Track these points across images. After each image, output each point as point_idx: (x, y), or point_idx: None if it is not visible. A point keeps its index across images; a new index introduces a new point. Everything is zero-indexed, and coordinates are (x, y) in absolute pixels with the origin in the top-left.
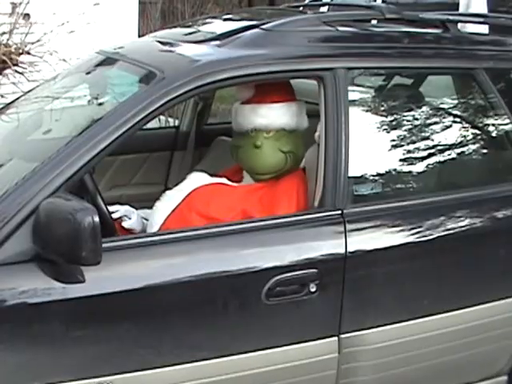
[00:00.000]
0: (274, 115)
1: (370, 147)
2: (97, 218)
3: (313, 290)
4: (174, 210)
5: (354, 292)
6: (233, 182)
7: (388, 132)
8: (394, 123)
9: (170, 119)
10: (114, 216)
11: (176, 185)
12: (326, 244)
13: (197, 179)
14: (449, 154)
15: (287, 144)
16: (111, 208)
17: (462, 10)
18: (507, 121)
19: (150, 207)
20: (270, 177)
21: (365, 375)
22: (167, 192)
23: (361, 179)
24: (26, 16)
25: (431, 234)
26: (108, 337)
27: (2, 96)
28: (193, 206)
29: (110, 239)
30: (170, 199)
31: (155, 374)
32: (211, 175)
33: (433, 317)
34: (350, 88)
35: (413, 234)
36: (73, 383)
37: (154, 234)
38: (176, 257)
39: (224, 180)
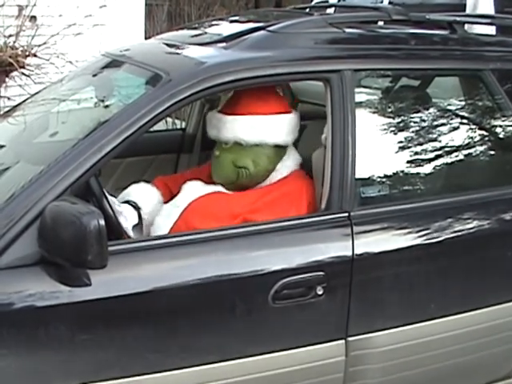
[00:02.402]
0: (224, 127)
1: (377, 149)
2: (102, 222)
3: (320, 292)
4: (172, 228)
5: (361, 294)
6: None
7: (395, 134)
8: (400, 125)
9: (177, 121)
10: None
11: (172, 198)
12: (333, 246)
13: (191, 191)
14: (456, 156)
15: (243, 158)
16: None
17: (468, 10)
18: None
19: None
20: (227, 187)
21: (372, 378)
22: (164, 206)
23: (368, 181)
24: (33, 18)
25: (439, 237)
26: (114, 340)
27: (9, 98)
28: (190, 223)
29: (116, 242)
30: (169, 216)
31: (162, 377)
32: (207, 182)
33: (440, 319)
34: (356, 90)
35: (420, 237)
36: None
37: (161, 237)
38: (182, 260)
39: (219, 187)
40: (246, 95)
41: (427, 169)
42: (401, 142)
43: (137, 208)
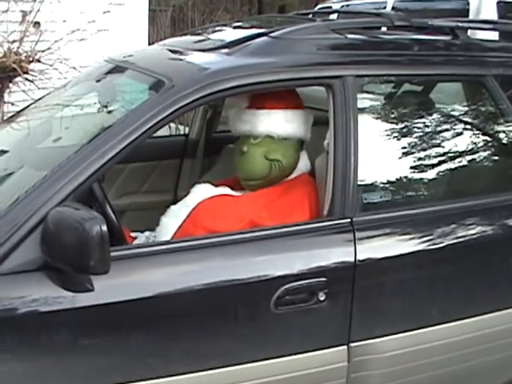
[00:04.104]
0: (258, 121)
1: (380, 155)
2: (105, 227)
3: (322, 298)
4: (180, 227)
5: (363, 300)
6: (237, 190)
7: (398, 139)
8: (403, 131)
9: (181, 126)
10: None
11: (180, 199)
12: (336, 252)
13: (200, 192)
14: (459, 162)
15: (274, 152)
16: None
17: (472, 16)
18: None
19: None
20: (256, 183)
21: None
22: (172, 207)
23: (370, 187)
24: (37, 24)
25: (441, 243)
26: (117, 345)
27: (13, 104)
28: (198, 222)
29: (119, 248)
30: (176, 216)
31: (164, 383)
32: (215, 185)
33: (443, 325)
34: (359, 95)
35: (423, 242)
36: None
37: (163, 243)
38: (185, 265)
39: (227, 190)
40: (276, 91)
41: (430, 174)
42: (403, 147)
43: None
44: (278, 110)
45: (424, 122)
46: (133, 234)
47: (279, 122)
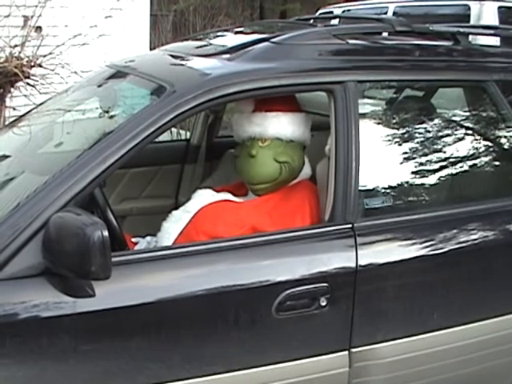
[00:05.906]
0: (268, 124)
1: (381, 160)
2: (106, 233)
3: (323, 304)
4: (181, 232)
5: (364, 306)
6: (238, 196)
7: (399, 145)
8: (404, 136)
9: (182, 131)
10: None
11: (181, 205)
12: (337, 258)
13: (202, 198)
14: (460, 167)
15: (283, 154)
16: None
17: (473, 21)
18: None
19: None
20: (265, 187)
21: None
22: (174, 212)
23: (371, 192)
24: (38, 29)
25: (443, 248)
26: (118, 351)
27: (14, 108)
28: (200, 227)
29: (120, 253)
30: (178, 221)
31: None
32: (216, 191)
33: (444, 330)
34: (360, 101)
35: (424, 248)
36: None
37: (165, 248)
38: (186, 270)
39: (229, 196)
40: None
41: (431, 180)
42: (405, 152)
43: None
44: (286, 113)
45: (425, 128)
46: (134, 240)
47: (288, 125)
